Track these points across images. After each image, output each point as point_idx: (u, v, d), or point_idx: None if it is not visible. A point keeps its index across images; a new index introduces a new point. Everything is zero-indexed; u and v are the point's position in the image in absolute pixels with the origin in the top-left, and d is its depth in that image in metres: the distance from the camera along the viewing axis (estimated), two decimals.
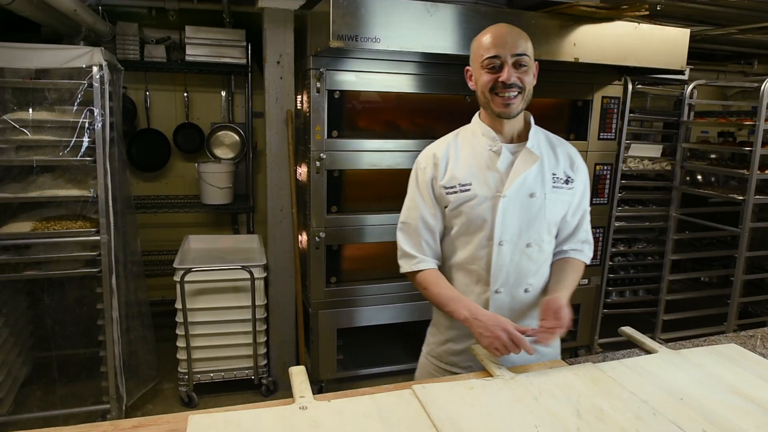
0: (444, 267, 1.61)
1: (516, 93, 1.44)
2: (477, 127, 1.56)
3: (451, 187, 1.51)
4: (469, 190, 1.49)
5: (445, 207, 1.53)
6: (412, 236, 1.58)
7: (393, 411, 1.14)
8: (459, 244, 1.55)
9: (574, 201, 1.58)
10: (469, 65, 1.54)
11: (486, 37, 1.45)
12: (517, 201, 1.48)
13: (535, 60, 1.48)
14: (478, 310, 1.41)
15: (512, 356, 1.38)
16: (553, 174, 1.53)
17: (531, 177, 1.49)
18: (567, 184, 1.55)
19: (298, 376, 1.25)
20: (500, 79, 1.43)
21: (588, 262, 1.64)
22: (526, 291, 1.54)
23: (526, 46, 1.44)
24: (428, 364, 1.70)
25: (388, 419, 1.10)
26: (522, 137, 1.54)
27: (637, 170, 3.44)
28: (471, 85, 1.54)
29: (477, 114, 1.59)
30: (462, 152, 1.55)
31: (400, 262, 1.61)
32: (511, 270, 1.51)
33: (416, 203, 1.58)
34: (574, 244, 1.61)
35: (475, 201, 1.48)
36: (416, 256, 1.57)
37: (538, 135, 1.56)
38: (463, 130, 1.61)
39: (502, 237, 1.49)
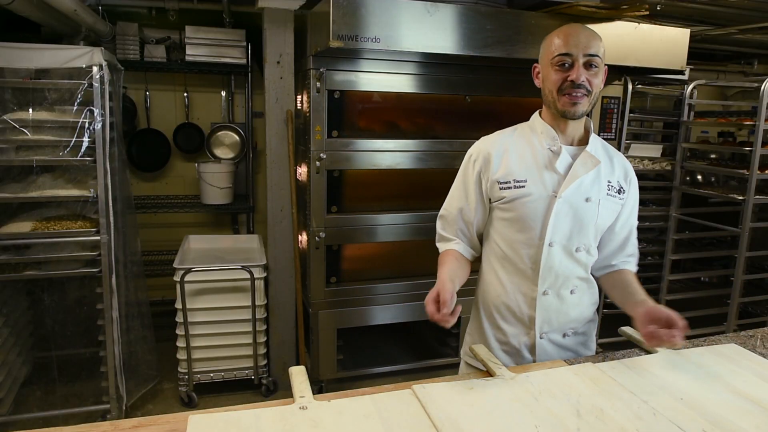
0: (488, 261, 1.61)
1: (583, 93, 1.42)
2: (537, 125, 1.54)
3: (506, 182, 1.49)
4: (524, 186, 1.48)
5: (498, 200, 1.52)
6: (450, 224, 1.61)
7: (393, 411, 1.14)
8: (507, 242, 1.54)
9: (624, 213, 1.58)
10: (536, 62, 1.53)
11: (559, 35, 1.43)
12: (572, 203, 1.47)
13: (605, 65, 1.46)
14: (443, 284, 1.37)
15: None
16: (608, 181, 1.52)
17: (588, 181, 1.48)
18: (619, 194, 1.55)
19: (298, 376, 1.25)
20: (570, 78, 1.40)
21: (635, 271, 1.66)
22: (572, 292, 1.55)
23: (599, 48, 1.42)
24: (465, 366, 1.67)
25: (388, 419, 1.10)
26: (581, 142, 1.53)
27: (637, 170, 3.40)
28: (537, 82, 1.53)
29: (537, 112, 1.58)
30: (519, 148, 1.53)
31: (438, 245, 1.65)
32: (559, 272, 1.51)
33: (459, 194, 1.59)
34: (624, 257, 1.64)
35: (529, 198, 1.47)
36: (450, 239, 1.61)
37: (596, 141, 1.55)
38: (521, 127, 1.60)
39: (553, 238, 1.48)
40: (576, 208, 1.47)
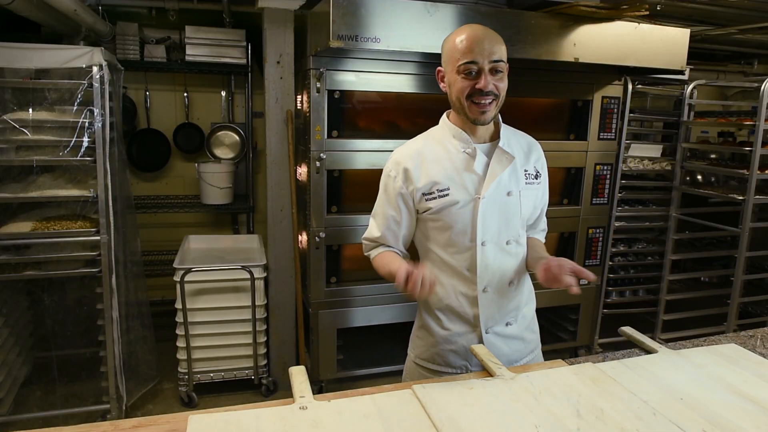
0: (427, 267, 1.59)
1: (491, 100, 1.43)
2: (447, 129, 1.54)
3: (430, 193, 1.50)
4: (447, 195, 1.49)
5: (425, 211, 1.53)
6: (375, 235, 1.62)
7: (393, 411, 1.14)
8: (441, 247, 1.55)
9: (539, 194, 1.61)
10: (440, 66, 1.51)
11: (462, 41, 1.41)
12: (495, 201, 1.50)
13: (507, 61, 1.46)
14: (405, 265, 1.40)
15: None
16: (525, 171, 1.56)
17: (506, 176, 1.51)
18: (536, 179, 1.58)
19: (298, 376, 1.25)
20: (477, 86, 1.40)
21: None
22: (510, 284, 1.57)
23: (502, 51, 1.42)
24: (416, 368, 1.68)
25: (388, 419, 1.10)
26: (493, 137, 1.55)
27: (637, 170, 3.44)
28: (442, 86, 1.52)
29: (445, 115, 1.58)
30: (435, 155, 1.53)
31: (367, 253, 1.67)
32: (495, 268, 1.53)
33: (383, 210, 1.59)
34: (536, 233, 1.69)
35: (455, 206, 1.48)
36: (379, 244, 1.62)
37: (506, 133, 1.56)
38: (433, 132, 1.60)
39: (484, 237, 1.50)
40: (499, 204, 1.51)
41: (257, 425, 1.07)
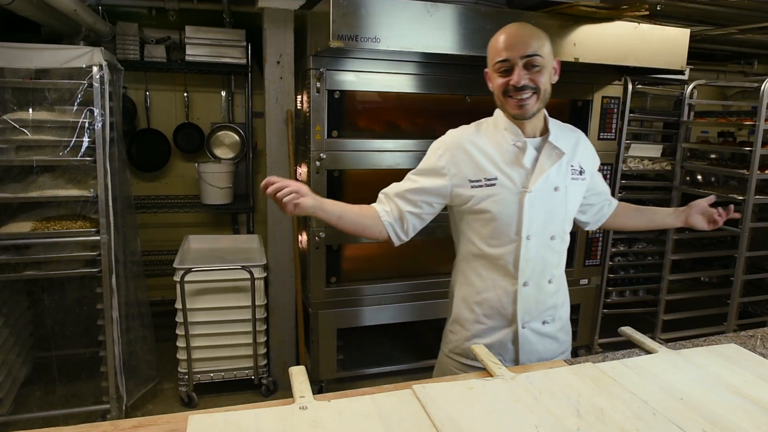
0: (466, 260, 1.62)
1: (530, 94, 1.44)
2: (500, 121, 1.55)
3: (477, 181, 1.50)
4: (494, 184, 1.50)
5: (469, 200, 1.52)
6: (386, 193, 1.63)
7: (393, 411, 1.14)
8: (483, 240, 1.55)
9: (595, 178, 1.68)
10: (486, 67, 1.54)
11: (497, 40, 1.46)
12: (542, 195, 1.50)
13: (549, 56, 1.47)
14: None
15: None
16: (572, 166, 1.56)
17: (554, 171, 1.52)
18: (581, 175, 1.59)
19: (298, 376, 1.25)
20: (511, 83, 1.43)
21: None
22: (549, 282, 1.58)
23: (538, 46, 1.43)
24: (450, 362, 1.68)
25: (388, 419, 1.10)
26: (543, 132, 1.56)
27: (637, 170, 3.44)
28: (490, 87, 1.54)
29: (498, 108, 1.59)
30: (486, 145, 1.53)
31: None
32: (537, 263, 1.54)
33: (412, 177, 1.59)
34: (610, 200, 1.79)
35: (500, 196, 1.49)
36: (378, 201, 1.64)
37: (555, 128, 1.57)
38: (485, 122, 1.60)
39: (529, 231, 1.50)
40: (546, 198, 1.51)
41: (257, 425, 1.07)
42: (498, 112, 1.58)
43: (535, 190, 1.49)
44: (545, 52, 1.45)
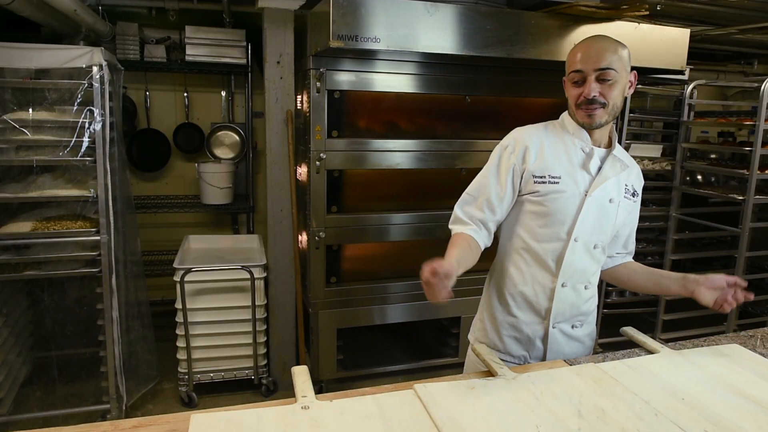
0: (507, 253, 1.64)
1: (598, 107, 1.46)
2: (568, 125, 1.58)
3: (541, 177, 1.53)
4: (558, 183, 1.52)
5: (530, 193, 1.55)
6: (471, 210, 1.59)
7: (395, 411, 1.14)
8: (531, 234, 1.57)
9: (632, 214, 1.66)
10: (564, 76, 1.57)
11: (575, 50, 1.49)
12: (598, 203, 1.53)
13: (628, 70, 1.50)
14: (448, 262, 1.36)
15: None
16: (626, 185, 1.59)
17: (612, 183, 1.55)
18: (633, 197, 1.62)
19: (301, 375, 1.25)
20: (582, 94, 1.47)
21: None
22: (586, 288, 1.61)
23: (612, 59, 1.44)
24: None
25: (390, 419, 1.10)
26: (606, 146, 1.59)
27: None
28: (567, 93, 1.57)
29: (567, 112, 1.60)
30: (553, 144, 1.56)
31: (451, 226, 1.63)
32: (578, 266, 1.56)
33: (489, 181, 1.58)
34: (626, 253, 1.74)
35: (562, 195, 1.52)
36: (467, 223, 1.59)
37: (619, 147, 1.61)
38: (552, 125, 1.63)
39: (579, 234, 1.53)
40: (601, 207, 1.54)
41: (259, 425, 1.07)
42: (566, 116, 1.60)
43: (595, 196, 1.52)
44: (619, 66, 1.46)
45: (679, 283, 1.56)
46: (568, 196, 1.52)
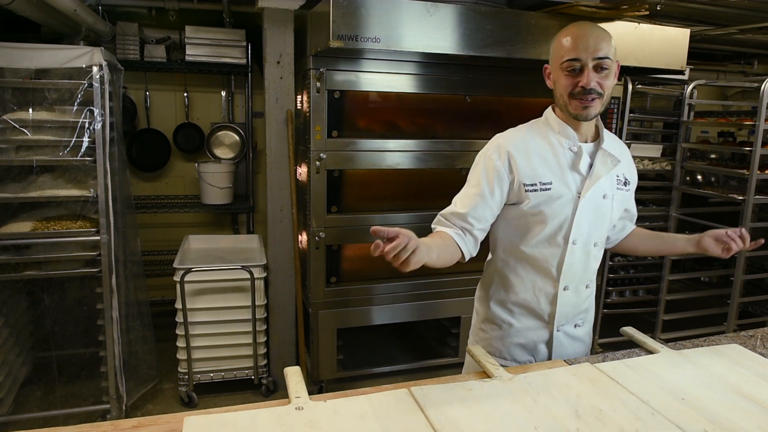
0: (503, 260, 1.60)
1: (594, 97, 1.41)
2: (553, 122, 1.53)
3: (532, 185, 1.47)
4: (550, 189, 1.47)
5: (522, 203, 1.49)
6: (452, 217, 1.52)
7: (390, 411, 1.14)
8: (528, 242, 1.53)
9: (626, 200, 1.64)
10: (547, 63, 1.51)
11: (567, 37, 1.41)
12: (592, 202, 1.50)
13: (611, 59, 1.43)
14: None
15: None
16: (617, 176, 1.56)
17: (605, 178, 1.52)
18: (626, 185, 1.59)
19: (294, 376, 1.25)
20: (580, 84, 1.40)
21: None
22: (587, 287, 1.60)
23: (609, 48, 1.40)
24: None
25: (385, 420, 1.10)
26: (594, 138, 1.55)
27: (637, 170, 3.43)
28: (549, 83, 1.52)
29: (550, 108, 1.56)
30: (539, 147, 1.51)
31: (432, 226, 1.57)
32: (579, 268, 1.55)
33: (475, 191, 1.51)
34: (632, 224, 1.77)
35: (557, 201, 1.48)
36: (447, 225, 1.52)
37: (607, 135, 1.56)
38: (536, 124, 1.57)
39: (577, 236, 1.51)
40: (595, 206, 1.51)
41: (253, 426, 1.07)
42: (550, 114, 1.55)
43: (588, 196, 1.48)
44: (613, 55, 1.42)
45: (684, 239, 1.65)
46: (562, 201, 1.48)
